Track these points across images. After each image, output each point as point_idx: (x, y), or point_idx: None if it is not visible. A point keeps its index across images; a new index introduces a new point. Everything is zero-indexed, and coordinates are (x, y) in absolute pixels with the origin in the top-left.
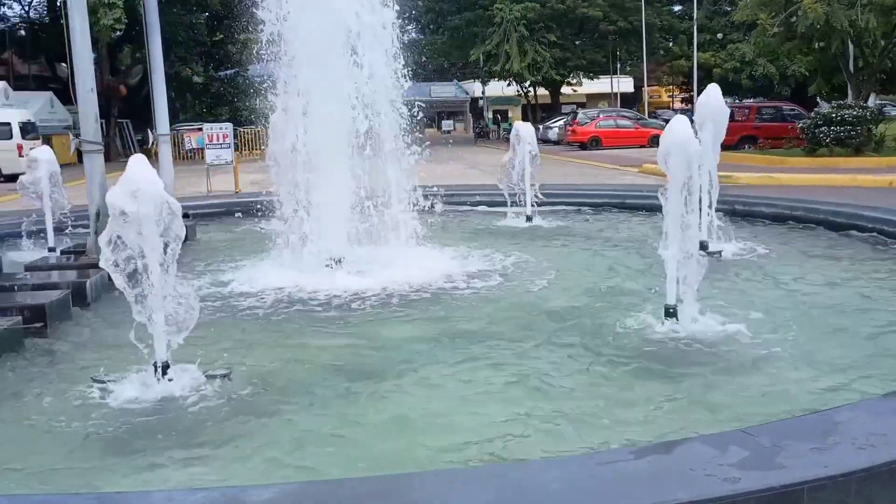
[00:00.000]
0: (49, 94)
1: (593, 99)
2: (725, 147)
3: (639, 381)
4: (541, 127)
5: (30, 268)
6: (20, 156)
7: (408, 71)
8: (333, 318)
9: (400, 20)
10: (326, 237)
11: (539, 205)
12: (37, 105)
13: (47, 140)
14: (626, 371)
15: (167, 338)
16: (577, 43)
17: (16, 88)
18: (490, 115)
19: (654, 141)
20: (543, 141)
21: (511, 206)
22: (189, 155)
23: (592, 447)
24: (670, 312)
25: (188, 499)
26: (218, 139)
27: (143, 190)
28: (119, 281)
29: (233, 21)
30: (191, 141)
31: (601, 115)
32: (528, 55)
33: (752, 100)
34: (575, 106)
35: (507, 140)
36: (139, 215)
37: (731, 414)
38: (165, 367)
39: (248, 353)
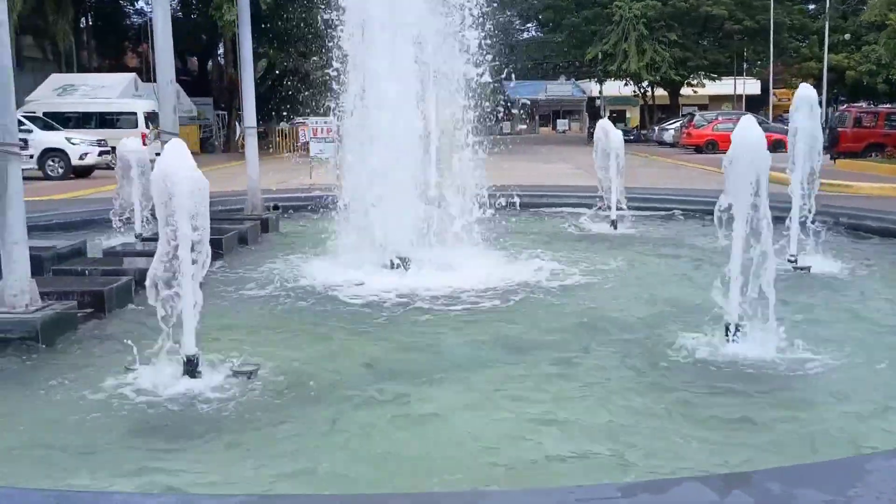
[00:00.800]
0: (177, 87)
1: (716, 101)
2: (850, 154)
3: (682, 407)
4: (656, 128)
5: (107, 253)
6: (143, 144)
7: (508, 66)
8: (383, 318)
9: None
10: (394, 235)
11: (629, 209)
12: None
13: None
14: (672, 396)
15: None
16: (699, 42)
17: (148, 80)
18: (606, 115)
19: (776, 146)
20: (659, 143)
21: (598, 209)
22: (305, 147)
23: (619, 475)
24: (731, 331)
25: (144, 502)
26: (322, 133)
27: (176, 174)
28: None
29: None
30: (305, 134)
31: (719, 118)
32: (646, 54)
33: (888, 105)
34: (696, 108)
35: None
36: (172, 199)
37: (774, 451)
38: (193, 360)
39: (286, 349)
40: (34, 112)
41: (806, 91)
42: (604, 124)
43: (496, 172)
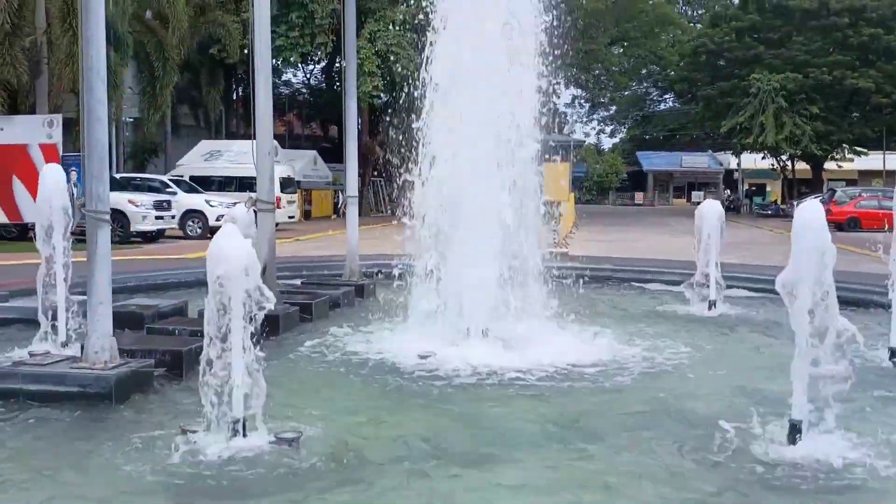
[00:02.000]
0: (313, 153)
1: (866, 176)
2: None
3: None
4: (794, 203)
5: (201, 313)
6: (278, 207)
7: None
8: (449, 391)
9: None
10: (471, 306)
11: (742, 289)
12: (302, 162)
13: (308, 194)
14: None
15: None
16: (844, 116)
17: (291, 146)
18: (745, 188)
19: None
20: None
21: (695, 286)
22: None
23: None
24: (796, 431)
25: None
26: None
27: (228, 255)
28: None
29: None
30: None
31: (862, 195)
32: (785, 127)
33: None
34: (843, 182)
35: (760, 215)
36: (225, 278)
37: None
38: (239, 424)
39: (340, 418)
40: (181, 176)
41: None
42: (706, 202)
43: (619, 244)
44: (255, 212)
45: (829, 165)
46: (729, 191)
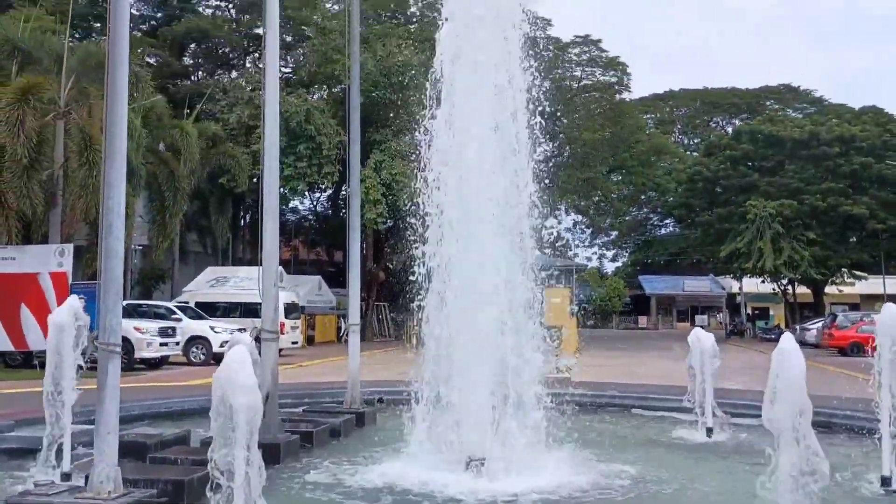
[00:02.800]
0: (318, 278)
1: (869, 300)
2: None
3: None
4: (797, 328)
5: (204, 442)
6: (282, 333)
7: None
8: None
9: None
10: (468, 434)
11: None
12: (306, 287)
13: (312, 319)
14: None
15: None
16: (841, 241)
17: (296, 272)
18: (748, 312)
19: None
20: (801, 343)
21: (693, 415)
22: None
23: None
24: None
25: None
26: None
27: (234, 385)
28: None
29: None
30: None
31: (864, 319)
32: (783, 252)
33: None
34: (845, 307)
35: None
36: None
37: None
38: None
39: None
40: (187, 302)
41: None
42: (697, 332)
43: (621, 369)
44: (258, 339)
45: (831, 290)
46: (722, 315)
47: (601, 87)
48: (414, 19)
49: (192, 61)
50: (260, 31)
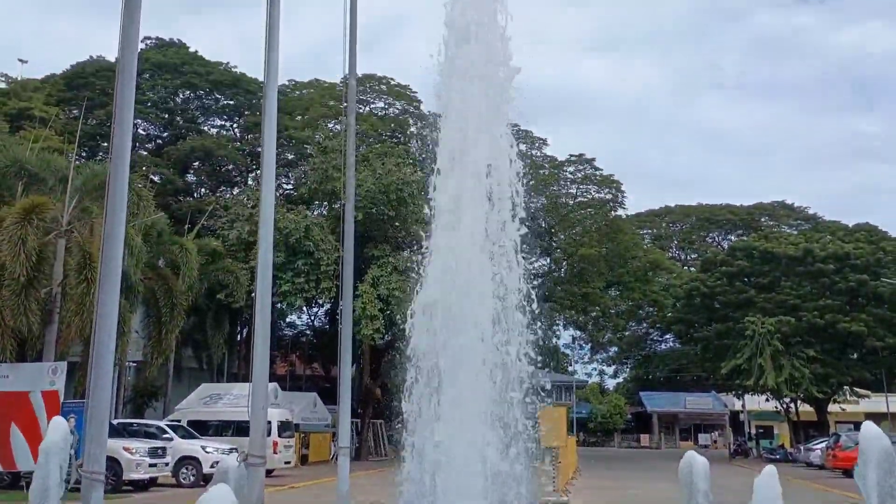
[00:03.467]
0: (313, 395)
1: (874, 419)
2: None
3: None
4: (801, 448)
5: None
6: (275, 453)
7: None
8: None
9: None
10: None
11: None
12: (301, 404)
13: (306, 437)
14: None
15: None
16: (841, 358)
17: (292, 388)
18: (752, 431)
19: None
20: (807, 464)
21: None
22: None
23: None
24: None
25: None
26: None
27: None
28: None
29: None
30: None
31: None
32: (784, 370)
33: None
34: (850, 425)
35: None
36: None
37: None
38: None
39: None
40: (179, 420)
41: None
42: (689, 457)
43: (619, 492)
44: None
45: (834, 408)
46: (725, 433)
47: (596, 203)
48: (412, 142)
49: (195, 178)
50: None
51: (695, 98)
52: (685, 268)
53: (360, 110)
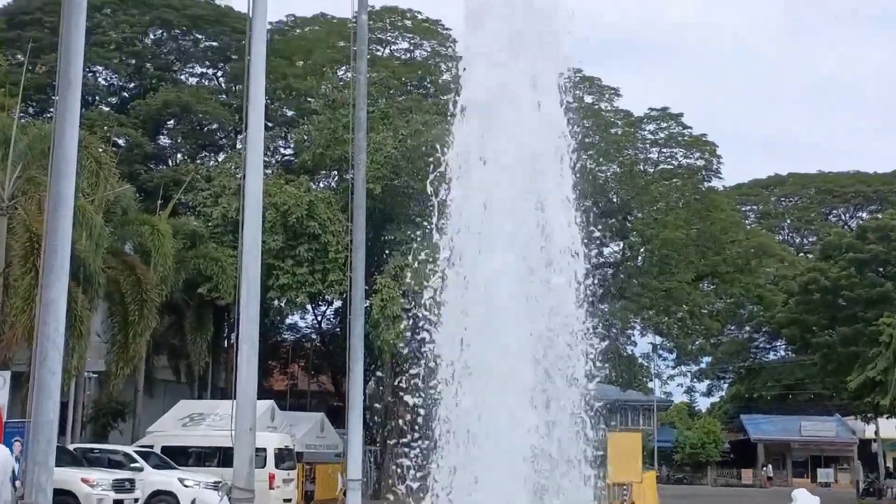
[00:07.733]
0: (320, 416)
1: None
2: None
3: None
4: None
5: None
6: (271, 488)
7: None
8: None
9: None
10: None
11: None
12: (305, 427)
13: (312, 469)
14: None
15: None
16: None
17: (294, 407)
18: (889, 465)
19: None
20: None
21: None
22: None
23: None
24: None
25: None
26: None
27: None
28: None
29: None
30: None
31: None
32: None
33: None
34: None
35: None
36: None
37: None
38: None
39: None
40: (151, 446)
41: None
42: (799, 496)
43: None
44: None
45: None
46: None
47: (684, 172)
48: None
49: (169, 141)
50: None
51: (813, 35)
52: (800, 254)
53: (379, 53)
